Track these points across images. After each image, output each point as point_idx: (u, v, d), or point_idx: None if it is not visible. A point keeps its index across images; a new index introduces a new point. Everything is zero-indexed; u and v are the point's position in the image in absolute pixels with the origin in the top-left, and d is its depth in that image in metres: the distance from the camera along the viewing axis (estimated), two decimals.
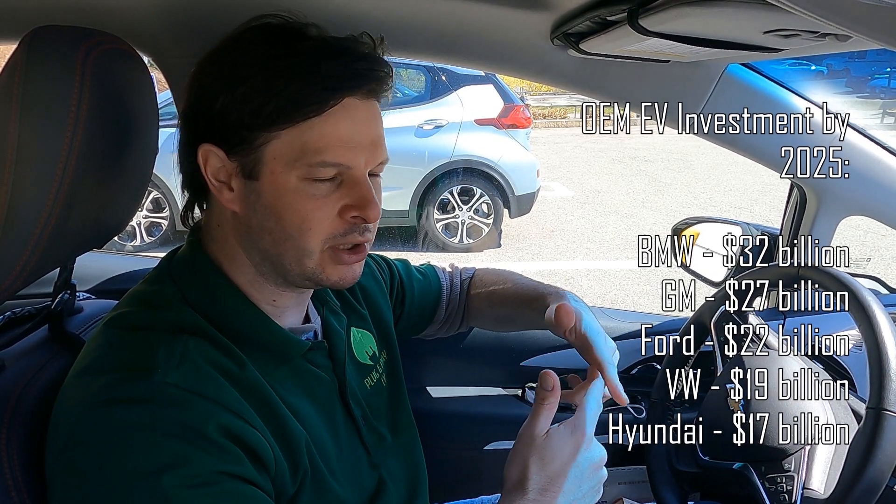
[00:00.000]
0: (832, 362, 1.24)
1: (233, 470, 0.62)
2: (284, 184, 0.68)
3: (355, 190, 0.70)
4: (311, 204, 0.69)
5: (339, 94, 0.68)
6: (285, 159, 0.68)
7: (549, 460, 0.71)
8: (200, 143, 0.70)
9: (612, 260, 5.39)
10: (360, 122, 0.70)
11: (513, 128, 5.53)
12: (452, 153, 5.42)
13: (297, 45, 0.69)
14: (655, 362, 1.41)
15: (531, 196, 5.62)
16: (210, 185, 0.71)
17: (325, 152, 0.68)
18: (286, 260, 0.71)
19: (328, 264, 0.72)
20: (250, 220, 0.71)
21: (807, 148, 1.24)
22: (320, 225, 0.70)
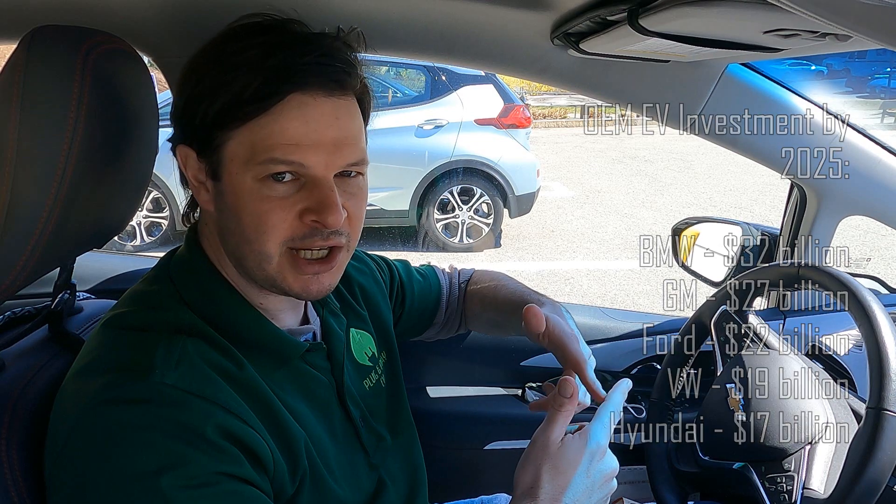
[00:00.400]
0: (832, 362, 1.24)
1: (231, 470, 0.61)
2: (241, 185, 0.67)
3: (314, 193, 0.67)
4: (266, 205, 0.67)
5: (284, 90, 0.65)
6: (240, 160, 0.67)
7: (563, 470, 0.70)
8: (177, 145, 0.71)
9: (612, 260, 5.39)
10: (316, 120, 0.66)
11: (513, 128, 5.52)
12: (452, 153, 5.41)
13: (253, 40, 0.67)
14: (655, 362, 1.41)
15: (531, 196, 5.62)
16: (192, 186, 0.72)
17: (274, 150, 0.65)
18: (248, 263, 0.70)
19: (287, 271, 0.70)
20: (220, 221, 0.71)
21: (807, 148, 1.25)
22: (276, 227, 0.67)
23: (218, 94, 0.66)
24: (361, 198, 0.73)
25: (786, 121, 1.22)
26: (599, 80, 1.18)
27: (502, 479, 1.29)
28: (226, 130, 0.67)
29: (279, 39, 0.67)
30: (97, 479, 0.59)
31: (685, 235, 1.53)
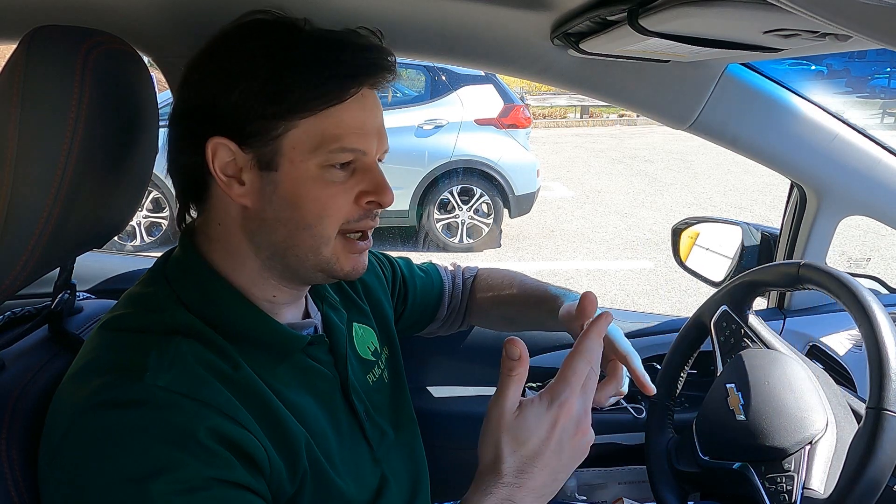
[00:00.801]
0: (832, 362, 1.24)
1: (223, 475, 0.61)
2: (304, 172, 0.69)
3: (369, 176, 0.73)
4: (330, 190, 0.70)
5: (359, 83, 0.70)
6: (305, 147, 0.69)
7: (524, 440, 0.62)
8: (209, 138, 0.69)
9: (612, 260, 5.39)
10: (370, 109, 0.72)
11: (513, 128, 5.53)
12: (452, 153, 5.42)
13: (301, 36, 0.70)
14: (655, 362, 1.42)
15: (531, 196, 5.62)
16: (218, 181, 0.70)
17: (344, 139, 0.69)
18: (301, 250, 0.72)
19: (341, 252, 0.73)
20: (264, 213, 0.71)
21: (807, 148, 1.25)
22: (338, 212, 0.71)
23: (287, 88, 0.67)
24: None
25: (786, 121, 1.22)
26: (599, 80, 1.18)
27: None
28: (291, 121, 0.68)
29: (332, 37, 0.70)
30: (88, 482, 0.59)
31: (685, 235, 1.53)
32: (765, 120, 1.21)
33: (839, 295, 0.93)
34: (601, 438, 1.36)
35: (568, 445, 0.63)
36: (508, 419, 0.63)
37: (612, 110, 13.70)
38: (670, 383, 1.19)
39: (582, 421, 0.64)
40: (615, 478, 1.36)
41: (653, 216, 6.61)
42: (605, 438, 1.36)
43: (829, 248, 1.34)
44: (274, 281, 0.75)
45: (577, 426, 0.64)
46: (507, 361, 0.64)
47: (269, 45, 0.69)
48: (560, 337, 1.41)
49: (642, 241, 5.83)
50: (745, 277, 1.12)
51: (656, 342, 1.41)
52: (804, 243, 1.34)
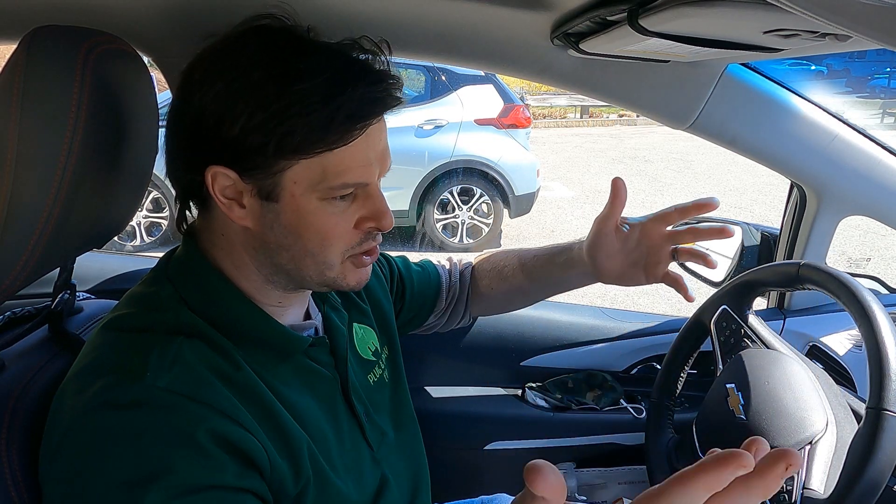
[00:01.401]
0: (832, 362, 1.24)
1: (219, 481, 0.61)
2: (305, 205, 0.69)
3: (370, 202, 0.72)
4: (331, 221, 0.70)
5: (364, 123, 0.68)
6: (307, 183, 0.68)
7: None
8: (209, 165, 0.67)
9: None
10: (374, 138, 0.71)
11: (513, 128, 5.52)
12: (452, 153, 5.42)
13: (308, 62, 0.66)
14: (655, 362, 1.42)
15: (531, 196, 5.62)
16: (218, 202, 0.69)
17: (346, 175, 0.68)
18: (306, 273, 0.73)
19: (349, 271, 0.75)
20: (265, 237, 0.71)
21: (807, 148, 1.25)
22: (340, 239, 0.72)
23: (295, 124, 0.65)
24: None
25: (786, 121, 1.22)
26: (599, 80, 1.18)
27: (502, 479, 1.30)
28: (298, 159, 0.67)
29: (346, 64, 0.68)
30: (86, 484, 0.59)
31: None
32: (765, 120, 1.21)
33: (839, 295, 0.93)
34: (601, 438, 1.36)
35: None
36: None
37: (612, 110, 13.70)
38: (670, 383, 1.19)
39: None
40: (615, 478, 1.36)
41: None
42: (605, 438, 1.36)
43: (829, 248, 1.34)
44: (279, 291, 0.76)
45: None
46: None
47: (276, 75, 0.65)
48: (561, 337, 1.42)
49: None
50: (745, 277, 1.12)
51: (656, 342, 1.41)
52: (804, 243, 1.34)
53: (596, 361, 1.41)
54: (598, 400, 1.37)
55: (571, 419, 1.35)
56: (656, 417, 1.18)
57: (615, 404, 1.37)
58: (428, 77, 5.57)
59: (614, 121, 13.66)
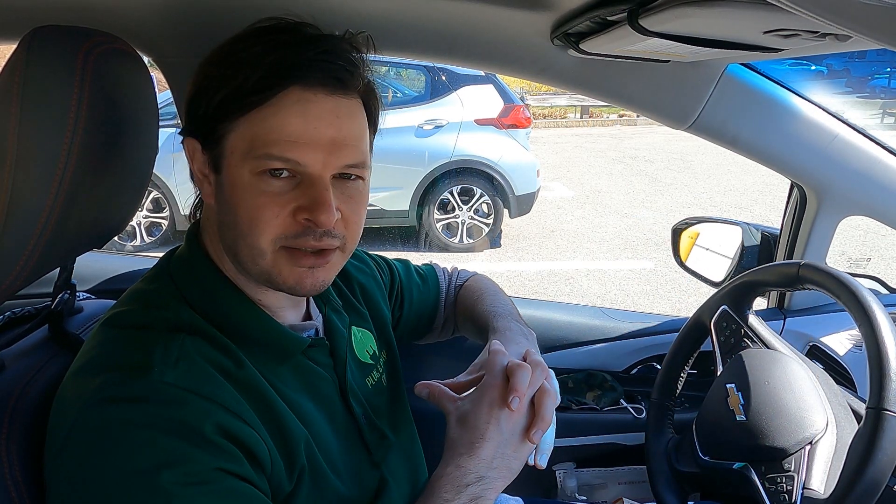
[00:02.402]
0: (832, 362, 1.24)
1: (230, 468, 0.62)
2: (238, 178, 0.68)
3: (309, 191, 0.67)
4: (260, 200, 0.67)
5: (282, 83, 0.66)
6: (239, 152, 0.68)
7: (464, 417, 0.74)
8: (185, 137, 0.72)
9: (612, 260, 5.39)
10: (316, 117, 0.67)
11: (513, 128, 5.53)
12: (452, 153, 5.42)
13: (263, 38, 0.69)
14: (655, 362, 1.42)
15: (531, 196, 5.62)
16: (196, 180, 0.73)
17: (273, 145, 0.66)
18: (243, 258, 0.70)
19: (283, 264, 0.69)
20: (220, 216, 0.72)
21: (807, 148, 1.25)
22: (270, 223, 0.67)
23: (221, 86, 0.67)
24: (360, 202, 0.73)
25: (786, 121, 1.22)
26: (599, 80, 1.18)
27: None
28: (227, 122, 0.68)
29: (284, 38, 0.68)
30: (97, 476, 0.59)
31: (685, 235, 1.53)
32: (765, 120, 1.21)
33: (839, 295, 0.93)
34: (601, 438, 1.36)
35: (507, 422, 0.73)
36: (454, 410, 0.76)
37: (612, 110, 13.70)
38: (670, 383, 1.19)
39: (509, 404, 0.72)
40: (615, 478, 1.36)
41: (653, 216, 6.61)
42: (605, 438, 1.36)
43: (829, 248, 1.34)
44: (252, 283, 0.74)
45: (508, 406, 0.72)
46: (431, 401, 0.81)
47: (227, 50, 0.69)
48: (561, 337, 1.42)
49: (642, 241, 5.82)
50: (745, 277, 1.12)
51: (656, 342, 1.41)
52: (804, 243, 1.34)
53: (596, 361, 1.41)
54: (598, 400, 1.37)
55: (571, 419, 1.35)
56: (656, 417, 1.18)
57: (615, 404, 1.37)
58: (428, 77, 5.57)
59: (614, 121, 13.66)
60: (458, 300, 1.12)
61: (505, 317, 0.97)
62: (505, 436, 0.72)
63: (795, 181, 1.34)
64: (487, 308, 1.01)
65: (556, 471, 1.35)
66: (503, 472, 0.72)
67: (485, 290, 1.08)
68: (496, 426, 0.72)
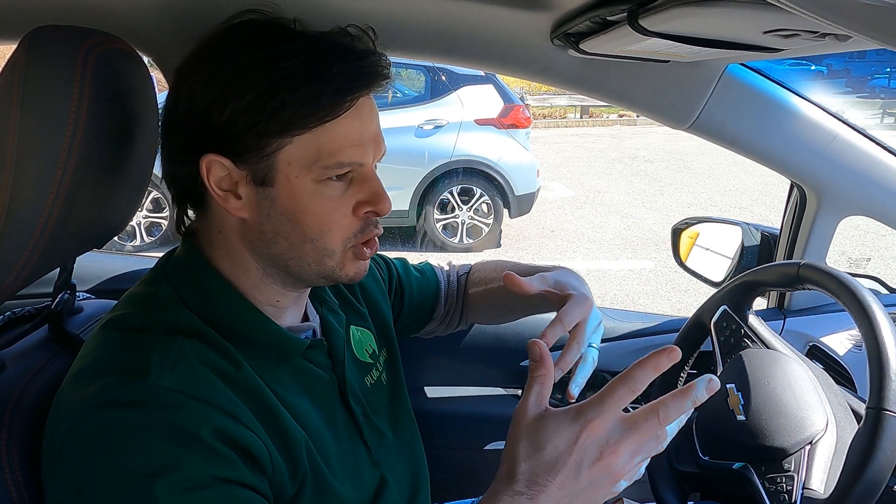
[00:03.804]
0: (832, 362, 1.24)
1: (226, 474, 0.61)
2: (301, 188, 0.68)
3: (367, 186, 0.71)
4: (329, 205, 0.70)
5: (354, 95, 0.68)
6: (301, 163, 0.67)
7: (540, 446, 0.59)
8: (203, 154, 0.67)
9: (612, 260, 5.39)
10: (367, 118, 0.70)
11: (513, 128, 5.53)
12: (452, 153, 5.42)
13: (293, 45, 0.67)
14: None
15: (531, 196, 5.62)
16: (214, 195, 0.69)
17: (341, 153, 0.68)
18: (305, 261, 0.72)
19: (349, 261, 0.74)
20: (263, 227, 0.70)
21: (807, 148, 1.25)
22: (339, 223, 0.71)
23: (284, 100, 0.65)
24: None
25: (786, 121, 1.22)
26: (599, 80, 1.18)
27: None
28: (285, 137, 0.67)
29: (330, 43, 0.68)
30: (92, 481, 0.59)
31: (685, 235, 1.53)
32: (765, 120, 1.21)
33: (839, 295, 0.93)
34: None
35: (587, 469, 0.58)
36: (528, 422, 0.61)
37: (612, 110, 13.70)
38: (670, 383, 1.19)
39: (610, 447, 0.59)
40: None
41: (653, 216, 6.61)
42: None
43: (829, 248, 1.34)
44: (277, 286, 0.75)
45: (601, 450, 0.58)
46: (531, 364, 0.64)
47: (262, 57, 0.66)
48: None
49: (642, 241, 5.83)
50: (745, 277, 1.12)
51: (656, 342, 1.41)
52: (804, 243, 1.34)
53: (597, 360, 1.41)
54: None
55: None
56: None
57: None
58: (428, 77, 5.57)
59: (614, 121, 13.66)
60: (470, 286, 1.12)
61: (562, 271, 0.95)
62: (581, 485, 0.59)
63: (795, 181, 1.34)
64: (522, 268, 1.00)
65: None
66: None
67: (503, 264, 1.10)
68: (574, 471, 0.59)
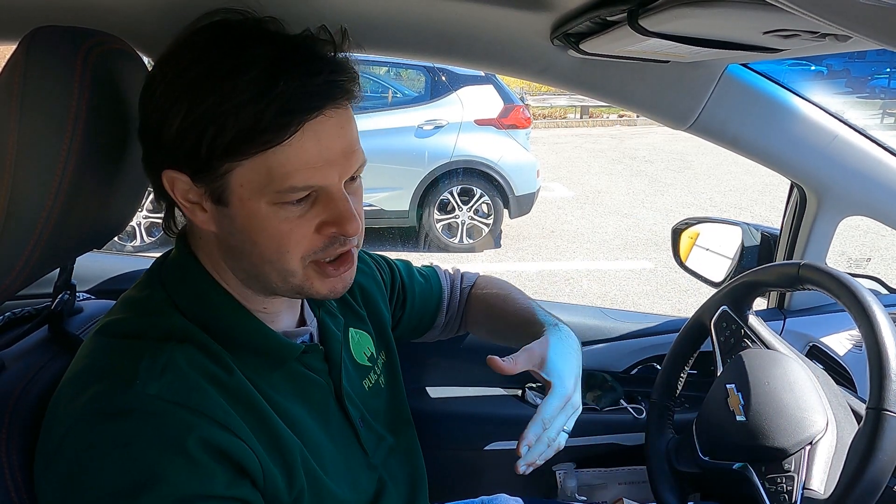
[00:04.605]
0: (832, 362, 1.24)
1: (210, 490, 0.61)
2: (255, 210, 0.65)
3: (331, 206, 0.66)
4: (284, 227, 0.66)
5: (299, 119, 0.62)
6: (253, 186, 0.64)
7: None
8: (163, 170, 0.66)
9: (612, 260, 5.39)
10: (329, 137, 0.64)
11: (513, 128, 5.53)
12: (452, 153, 5.42)
13: (245, 56, 0.62)
14: (655, 362, 1.41)
15: (531, 196, 5.62)
16: (182, 207, 0.68)
17: (293, 177, 0.63)
18: (271, 279, 0.70)
19: (315, 278, 0.70)
20: (229, 241, 0.69)
21: (807, 149, 1.25)
22: (298, 245, 0.67)
23: (225, 122, 0.61)
24: (361, 195, 0.73)
25: (786, 121, 1.22)
26: (599, 80, 1.18)
27: (502, 480, 1.29)
28: (232, 160, 0.63)
29: (282, 55, 0.62)
30: (78, 496, 0.59)
31: (685, 236, 1.53)
32: (765, 120, 1.21)
33: (839, 295, 0.93)
34: (601, 439, 1.36)
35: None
36: None
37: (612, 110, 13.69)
38: (670, 383, 1.19)
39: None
40: (615, 478, 1.36)
41: (653, 216, 6.61)
42: (605, 439, 1.36)
43: (829, 248, 1.34)
44: (259, 296, 0.74)
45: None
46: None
47: (211, 71, 0.61)
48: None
49: (642, 241, 5.82)
50: (745, 278, 1.12)
51: (656, 342, 1.41)
52: (804, 243, 1.34)
53: (596, 361, 1.41)
54: (598, 400, 1.37)
55: None
56: (656, 418, 1.18)
57: (615, 404, 1.37)
58: (428, 77, 5.57)
59: (614, 121, 13.66)
60: (472, 300, 1.12)
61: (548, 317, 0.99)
62: None
63: (795, 181, 1.33)
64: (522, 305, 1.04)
65: (556, 471, 1.35)
66: None
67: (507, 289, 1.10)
68: None
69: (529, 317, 1.00)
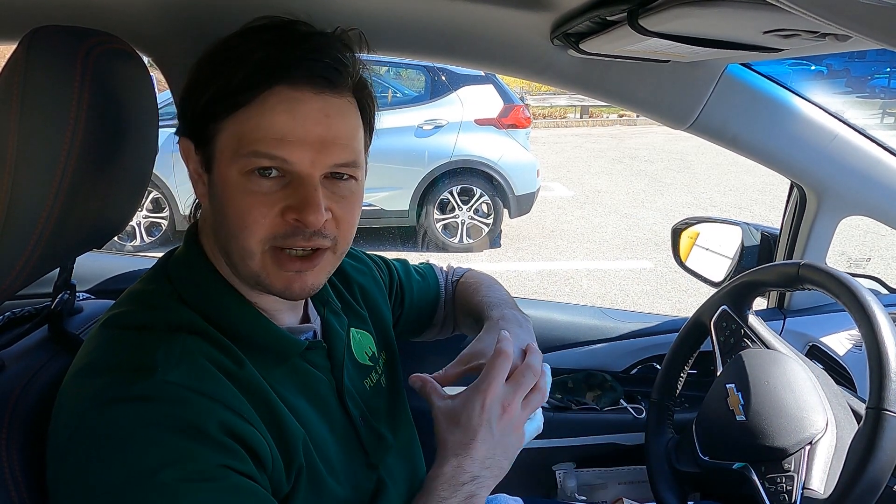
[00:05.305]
0: (832, 362, 1.24)
1: (235, 465, 0.62)
2: (228, 177, 0.67)
3: (298, 191, 0.66)
4: (249, 199, 0.66)
5: (268, 82, 0.65)
6: (229, 151, 0.67)
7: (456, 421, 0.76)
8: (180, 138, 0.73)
9: (612, 260, 5.39)
10: (304, 115, 0.66)
11: (513, 128, 5.53)
12: (452, 153, 5.42)
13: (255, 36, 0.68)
14: (655, 362, 1.42)
15: (531, 196, 5.62)
16: (192, 179, 0.74)
17: (260, 143, 0.65)
18: (234, 259, 0.70)
19: (271, 268, 0.69)
20: (213, 216, 0.72)
21: (807, 148, 1.25)
22: (258, 223, 0.67)
23: (209, 85, 0.67)
24: (353, 202, 0.72)
25: (786, 121, 1.22)
26: (599, 80, 1.18)
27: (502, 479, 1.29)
28: (217, 122, 0.68)
29: (272, 35, 0.68)
30: (103, 478, 0.58)
31: (685, 235, 1.53)
32: (765, 120, 1.21)
33: (839, 295, 0.93)
34: (601, 438, 1.36)
35: (497, 423, 0.77)
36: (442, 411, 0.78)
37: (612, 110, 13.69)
38: (670, 383, 1.19)
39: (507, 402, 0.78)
40: (615, 478, 1.36)
41: (653, 216, 6.61)
42: (605, 439, 1.36)
43: (829, 248, 1.34)
44: (245, 286, 0.74)
45: (502, 406, 0.77)
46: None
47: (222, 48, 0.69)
48: (562, 337, 1.42)
49: (642, 241, 5.83)
50: (744, 277, 1.12)
51: (656, 342, 1.41)
52: (804, 243, 1.34)
53: (596, 361, 1.41)
54: (598, 400, 1.37)
55: (571, 419, 1.35)
56: (656, 417, 1.18)
57: (615, 404, 1.37)
58: (428, 77, 5.57)
59: (614, 121, 13.66)
60: (455, 295, 1.12)
61: (500, 305, 0.99)
62: (496, 437, 0.76)
63: (795, 181, 1.34)
64: (482, 298, 1.03)
65: (556, 471, 1.35)
66: (495, 471, 0.76)
67: (480, 282, 1.09)
68: (488, 428, 0.76)
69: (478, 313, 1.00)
